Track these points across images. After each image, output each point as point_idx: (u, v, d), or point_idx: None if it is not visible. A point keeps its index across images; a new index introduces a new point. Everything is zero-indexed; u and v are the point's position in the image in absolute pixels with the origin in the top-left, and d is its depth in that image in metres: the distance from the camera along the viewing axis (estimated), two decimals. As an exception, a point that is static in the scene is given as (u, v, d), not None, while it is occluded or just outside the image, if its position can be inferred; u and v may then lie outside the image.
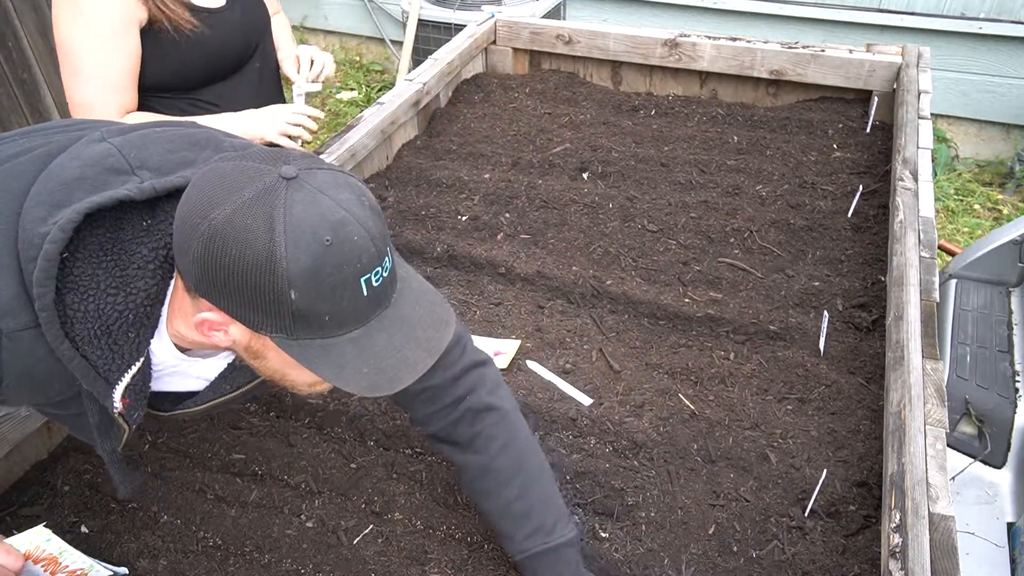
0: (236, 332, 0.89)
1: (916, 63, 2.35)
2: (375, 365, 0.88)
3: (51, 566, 1.11)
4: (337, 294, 0.83)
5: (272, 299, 0.82)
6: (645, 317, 1.76)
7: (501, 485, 1.16)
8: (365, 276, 0.85)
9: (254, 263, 0.80)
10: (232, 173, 0.84)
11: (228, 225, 0.81)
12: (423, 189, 2.18)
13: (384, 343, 0.89)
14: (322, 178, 0.85)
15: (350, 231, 0.83)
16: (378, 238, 0.86)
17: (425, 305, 0.95)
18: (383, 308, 0.90)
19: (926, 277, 1.59)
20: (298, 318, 0.83)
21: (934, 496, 1.16)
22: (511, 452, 1.17)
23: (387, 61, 5.51)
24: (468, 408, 1.17)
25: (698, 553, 1.25)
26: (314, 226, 0.81)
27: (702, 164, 2.23)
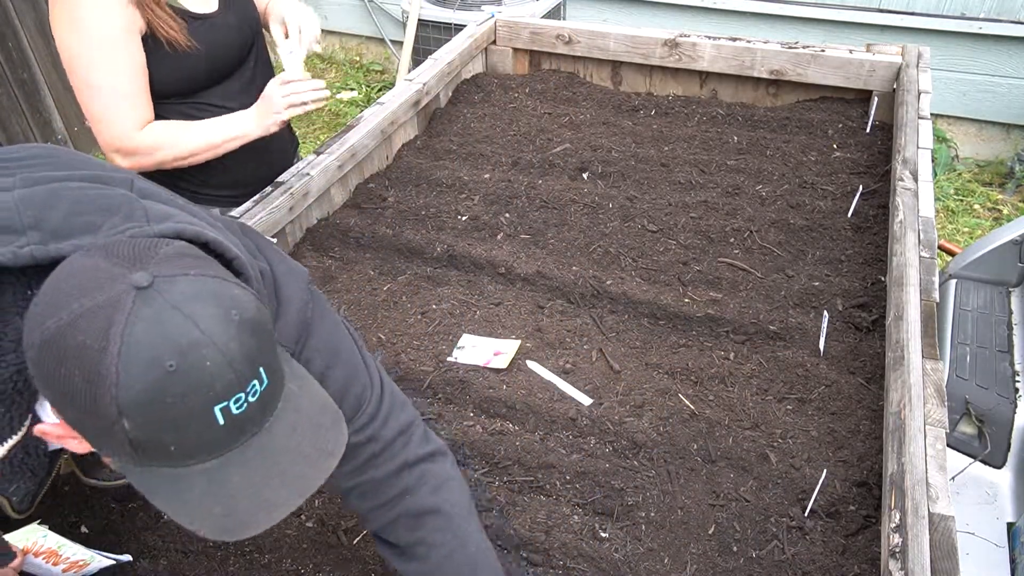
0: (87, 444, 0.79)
1: (916, 63, 2.35)
2: (227, 504, 0.77)
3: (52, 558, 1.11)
4: (181, 425, 0.73)
5: (105, 424, 0.73)
6: (645, 317, 1.76)
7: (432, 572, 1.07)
8: (221, 404, 0.74)
9: (83, 385, 0.71)
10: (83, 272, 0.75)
11: (60, 337, 0.72)
12: (423, 189, 2.18)
13: (240, 479, 0.78)
14: (182, 288, 0.74)
15: (202, 355, 0.72)
16: (241, 362, 0.75)
17: (307, 431, 0.83)
18: (249, 435, 0.78)
19: (926, 277, 1.59)
20: (137, 447, 0.74)
21: (934, 496, 1.17)
22: (455, 561, 1.07)
23: (387, 61, 5.52)
24: (406, 510, 1.08)
25: (698, 553, 1.25)
26: (155, 348, 0.71)
27: (702, 164, 2.23)
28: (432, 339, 1.69)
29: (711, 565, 1.24)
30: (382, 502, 1.08)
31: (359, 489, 1.08)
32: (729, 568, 1.23)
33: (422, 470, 1.10)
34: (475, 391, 1.55)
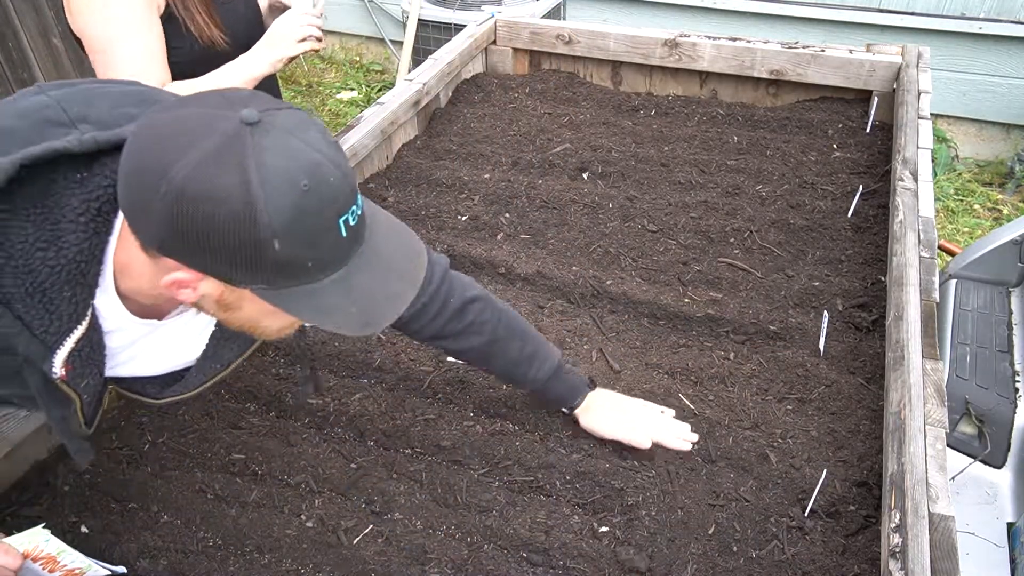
0: (207, 287, 0.84)
1: (916, 63, 2.35)
2: (362, 304, 0.86)
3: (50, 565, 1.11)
4: (319, 240, 0.81)
5: (253, 253, 0.78)
6: (645, 317, 1.76)
7: (507, 348, 1.36)
8: (343, 217, 0.82)
9: (231, 219, 0.76)
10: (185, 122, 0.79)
11: (194, 182, 0.75)
12: (423, 189, 2.18)
13: (367, 280, 0.87)
14: (285, 119, 0.80)
15: (325, 172, 0.80)
16: (350, 175, 0.84)
17: (396, 237, 0.94)
18: (360, 244, 0.88)
19: (926, 277, 1.59)
20: (281, 268, 0.80)
21: (934, 496, 1.16)
22: (503, 323, 1.35)
23: (387, 61, 5.52)
24: (454, 308, 1.30)
25: (698, 553, 1.25)
26: (290, 172, 0.77)
27: (702, 164, 2.23)
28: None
29: (711, 565, 1.24)
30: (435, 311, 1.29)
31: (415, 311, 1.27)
32: (729, 568, 1.23)
33: (451, 276, 1.32)
34: (475, 391, 1.54)
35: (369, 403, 1.53)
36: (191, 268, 0.81)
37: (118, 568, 1.20)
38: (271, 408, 1.54)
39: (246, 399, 1.55)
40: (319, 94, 5.34)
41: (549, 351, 1.40)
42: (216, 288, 0.84)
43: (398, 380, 1.59)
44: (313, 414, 1.51)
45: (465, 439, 1.45)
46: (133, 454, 1.43)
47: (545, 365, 1.39)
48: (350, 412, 1.51)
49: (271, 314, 0.87)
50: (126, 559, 1.24)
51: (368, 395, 1.55)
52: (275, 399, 1.54)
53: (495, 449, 1.42)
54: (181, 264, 0.81)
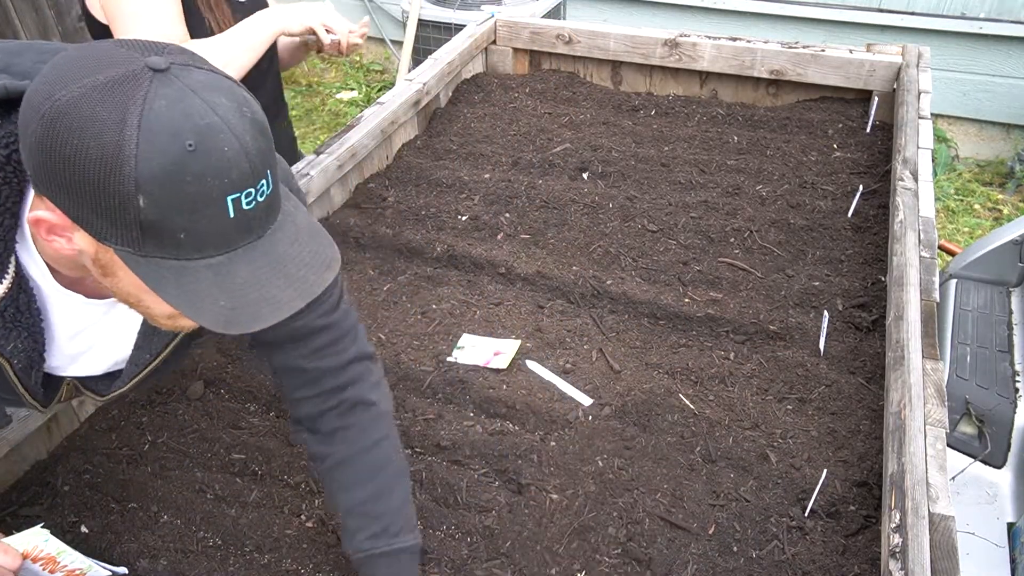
0: (81, 241, 0.77)
1: (916, 63, 2.35)
2: (234, 299, 0.77)
3: (49, 565, 1.11)
4: (197, 209, 0.73)
5: (116, 203, 0.71)
6: (645, 317, 1.76)
7: (358, 483, 1.14)
8: (233, 195, 0.74)
9: (98, 157, 0.70)
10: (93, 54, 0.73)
11: (73, 108, 0.70)
12: (423, 189, 2.18)
13: (247, 276, 0.78)
14: (198, 78, 0.74)
15: (221, 140, 0.72)
16: (255, 156, 0.75)
17: (307, 244, 0.84)
18: (253, 238, 0.79)
19: (926, 277, 1.59)
20: (147, 230, 0.73)
21: (934, 496, 1.16)
22: (377, 452, 1.15)
23: (387, 61, 5.52)
24: (345, 399, 1.14)
25: (698, 553, 1.25)
26: (176, 125, 0.70)
27: (702, 164, 2.23)
28: (432, 339, 1.69)
29: (711, 565, 1.24)
30: (327, 389, 1.12)
31: (309, 375, 1.12)
32: (729, 568, 1.23)
33: (366, 367, 1.16)
34: (475, 391, 1.55)
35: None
36: (63, 211, 0.75)
37: (119, 569, 1.20)
38: (271, 408, 1.54)
39: (246, 399, 1.55)
40: (319, 94, 5.34)
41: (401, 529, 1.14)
42: (90, 244, 0.77)
43: (398, 380, 1.59)
44: (313, 414, 1.51)
45: (465, 439, 1.45)
46: (133, 454, 1.43)
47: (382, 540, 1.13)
48: (350, 412, 1.51)
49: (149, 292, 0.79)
50: (126, 559, 1.24)
51: (368, 395, 1.55)
52: (275, 399, 1.54)
53: (495, 449, 1.42)
54: (53, 205, 0.75)
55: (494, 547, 1.27)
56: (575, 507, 1.32)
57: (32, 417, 1.38)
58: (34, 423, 1.39)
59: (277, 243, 0.81)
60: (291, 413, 1.19)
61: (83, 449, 1.44)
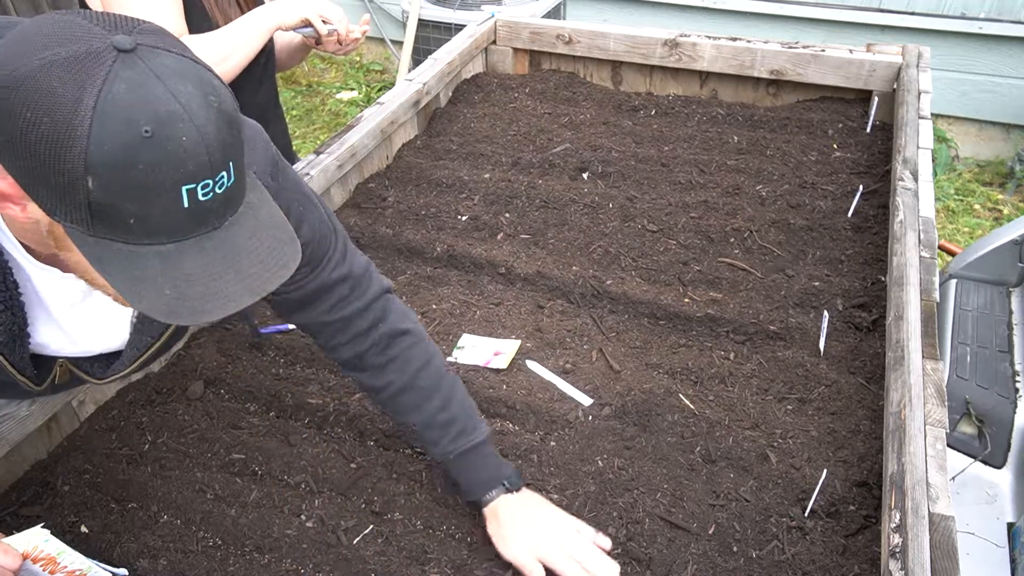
0: (34, 211, 0.76)
1: (916, 63, 2.35)
2: (180, 289, 0.76)
3: (50, 566, 1.11)
4: (148, 197, 0.72)
5: (66, 182, 0.70)
6: (645, 317, 1.76)
7: (424, 400, 1.22)
8: (189, 186, 0.73)
9: (50, 133, 0.69)
10: (57, 26, 0.72)
11: (32, 80, 0.69)
12: (423, 189, 2.18)
13: (196, 267, 0.77)
14: (166, 62, 0.72)
15: (179, 129, 0.71)
16: (216, 147, 0.74)
17: (267, 240, 0.83)
18: (208, 228, 0.78)
19: (926, 277, 1.59)
20: (96, 212, 0.72)
21: (934, 496, 1.17)
22: (429, 370, 1.23)
23: (387, 61, 5.52)
24: (382, 334, 1.20)
25: (698, 553, 1.25)
26: (133, 110, 0.69)
27: (702, 164, 2.23)
28: (432, 339, 1.68)
29: (711, 565, 1.24)
30: (361, 331, 1.19)
31: (339, 323, 1.17)
32: (729, 568, 1.23)
33: (388, 299, 1.23)
34: (475, 391, 1.54)
35: (369, 403, 1.53)
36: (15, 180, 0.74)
37: (119, 570, 1.20)
38: (271, 408, 1.54)
39: (246, 399, 1.55)
40: (319, 94, 5.34)
41: (474, 425, 1.25)
42: (43, 215, 0.76)
43: (398, 380, 1.59)
44: (313, 414, 1.51)
45: (465, 439, 1.45)
46: (133, 454, 1.43)
47: (462, 438, 1.23)
48: (350, 412, 1.51)
49: None
50: (126, 559, 1.24)
51: (368, 395, 1.55)
52: (275, 399, 1.54)
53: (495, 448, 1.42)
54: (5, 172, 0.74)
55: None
56: (575, 507, 1.32)
57: (32, 417, 1.38)
58: (34, 423, 1.39)
59: (234, 236, 0.80)
60: (333, 357, 1.25)
61: (83, 449, 1.44)
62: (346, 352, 1.22)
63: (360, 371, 1.24)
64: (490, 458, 1.26)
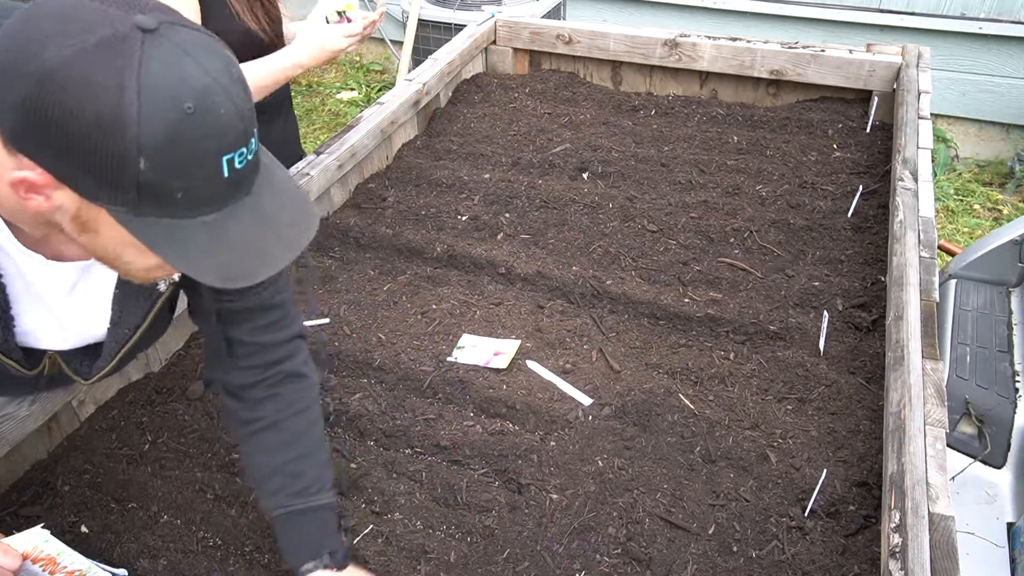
0: (62, 198, 0.76)
1: (916, 63, 2.35)
2: (229, 255, 0.80)
3: (49, 566, 1.11)
4: (193, 171, 0.74)
5: (115, 165, 0.71)
6: (645, 317, 1.76)
7: (283, 445, 1.17)
8: (228, 155, 0.76)
9: (96, 121, 0.69)
10: (73, 10, 0.72)
11: (65, 69, 0.69)
12: (423, 189, 2.18)
13: (241, 232, 0.80)
14: (186, 37, 0.74)
15: (216, 102, 0.74)
16: (246, 115, 0.77)
17: (288, 200, 0.87)
18: (242, 195, 0.81)
19: (926, 277, 1.59)
20: (144, 192, 0.73)
21: (934, 496, 1.17)
22: (304, 418, 1.19)
23: (387, 61, 5.52)
24: (281, 371, 1.18)
25: (698, 553, 1.25)
26: (174, 89, 0.71)
27: (702, 164, 2.23)
28: (432, 339, 1.69)
29: (711, 565, 1.24)
30: (263, 362, 1.17)
31: (249, 347, 1.16)
32: (729, 568, 1.23)
33: (301, 343, 1.22)
34: (475, 391, 1.54)
35: (369, 403, 1.53)
36: (46, 170, 0.74)
37: (119, 570, 1.20)
38: (271, 408, 1.54)
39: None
40: (319, 94, 5.34)
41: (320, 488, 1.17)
42: (72, 202, 0.77)
43: (398, 380, 1.59)
44: (313, 414, 1.51)
45: (465, 439, 1.45)
46: (133, 454, 1.43)
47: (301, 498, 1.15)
48: (350, 412, 1.51)
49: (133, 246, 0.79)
50: (126, 559, 1.24)
51: (368, 395, 1.55)
52: (275, 399, 1.54)
53: (495, 449, 1.42)
54: (35, 163, 0.74)
55: (494, 547, 1.27)
56: (575, 507, 1.32)
57: (32, 417, 1.38)
58: (34, 423, 1.39)
59: (263, 199, 0.83)
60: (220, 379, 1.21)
61: (83, 449, 1.44)
62: (240, 377, 1.18)
63: (239, 400, 1.19)
64: (323, 527, 1.16)
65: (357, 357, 1.63)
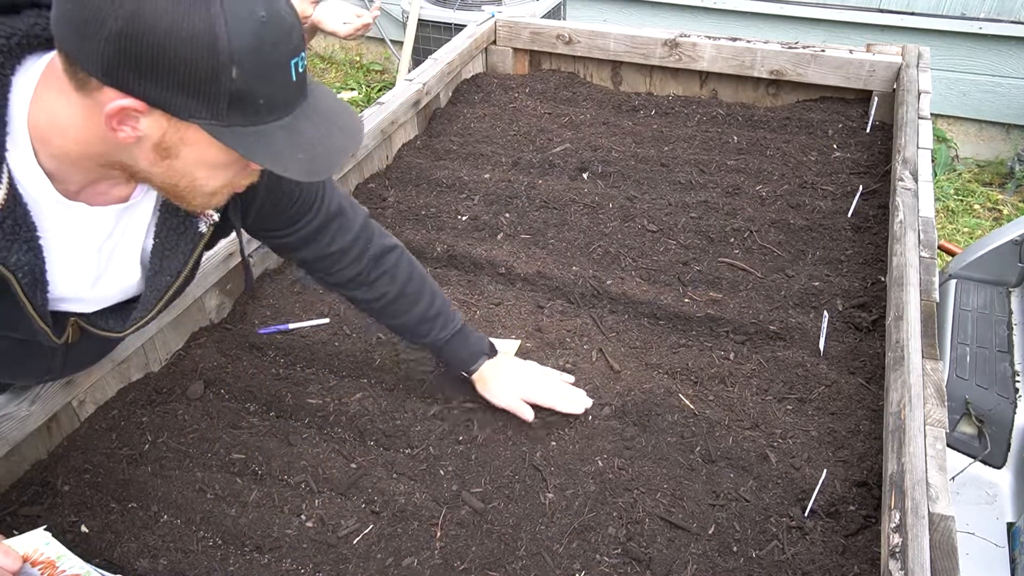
0: (148, 125, 0.84)
1: (916, 63, 2.35)
2: (308, 151, 0.88)
3: (48, 570, 1.10)
4: (273, 75, 0.82)
5: (210, 77, 0.79)
6: (645, 317, 1.76)
7: (414, 304, 1.41)
8: (295, 59, 0.85)
9: (190, 38, 0.76)
10: None
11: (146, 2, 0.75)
12: (423, 189, 2.18)
13: (312, 130, 0.89)
14: None
15: (280, 9, 0.82)
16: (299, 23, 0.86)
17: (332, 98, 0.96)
18: (304, 96, 0.90)
19: (926, 277, 1.59)
20: (234, 101, 0.81)
21: (934, 496, 1.17)
22: (415, 277, 1.41)
23: (387, 61, 5.52)
24: (372, 255, 1.36)
25: (698, 553, 1.25)
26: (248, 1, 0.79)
27: (702, 164, 2.23)
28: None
29: (711, 565, 1.24)
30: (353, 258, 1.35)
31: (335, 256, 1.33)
32: (729, 568, 1.23)
33: (370, 223, 1.38)
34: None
35: (369, 403, 1.53)
36: (137, 96, 0.80)
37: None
38: (271, 408, 1.54)
39: (246, 399, 1.55)
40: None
41: (453, 313, 1.46)
42: (158, 128, 0.84)
43: (398, 380, 1.59)
44: (313, 414, 1.51)
45: (465, 439, 1.45)
46: (133, 454, 1.43)
47: (448, 326, 1.44)
48: (350, 412, 1.51)
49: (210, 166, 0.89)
50: (126, 559, 1.24)
51: (368, 395, 1.55)
52: (275, 399, 1.54)
53: (495, 449, 1.42)
54: (126, 93, 0.80)
55: (494, 547, 1.27)
56: (575, 507, 1.32)
57: (32, 417, 1.38)
58: (34, 423, 1.39)
59: (319, 99, 0.92)
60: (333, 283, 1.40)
61: (83, 449, 1.44)
62: (345, 275, 1.36)
63: (356, 288, 1.39)
64: (471, 336, 1.47)
65: (357, 357, 1.63)
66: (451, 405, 1.53)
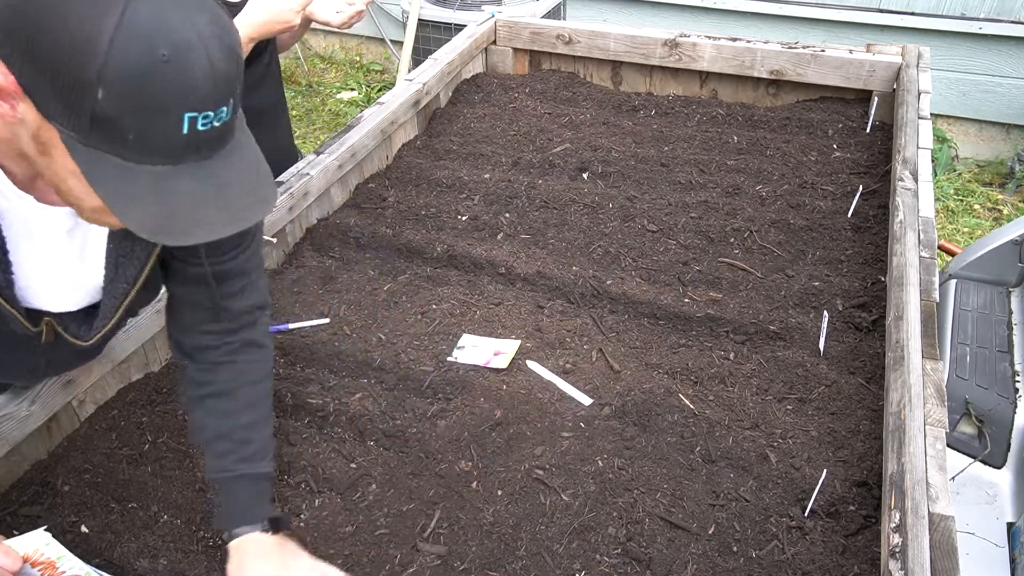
0: (26, 112, 0.77)
1: (916, 63, 2.35)
2: (167, 209, 0.79)
3: (48, 570, 1.10)
4: (151, 118, 0.75)
5: (73, 86, 0.73)
6: (645, 317, 1.76)
7: (237, 411, 1.20)
8: (191, 114, 0.76)
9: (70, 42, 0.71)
10: None
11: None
12: (423, 189, 2.18)
13: (188, 191, 0.80)
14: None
15: (192, 58, 0.74)
16: (222, 81, 0.78)
17: (251, 177, 0.87)
18: (201, 158, 0.81)
19: (926, 277, 1.59)
20: (97, 123, 0.74)
21: (934, 496, 1.17)
22: (259, 388, 1.23)
23: (387, 61, 5.52)
24: (240, 339, 1.21)
25: (698, 553, 1.25)
26: (154, 33, 0.72)
27: (702, 164, 2.23)
28: (432, 339, 1.69)
29: (711, 565, 1.24)
30: (224, 329, 1.19)
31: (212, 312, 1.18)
32: (729, 568, 1.23)
33: (263, 313, 1.25)
34: (475, 391, 1.54)
35: (369, 403, 1.53)
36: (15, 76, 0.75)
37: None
38: (271, 408, 1.54)
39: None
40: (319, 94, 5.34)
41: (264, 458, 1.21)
42: (34, 117, 0.77)
43: (398, 380, 1.59)
44: (313, 414, 1.51)
45: (465, 439, 1.45)
46: (133, 454, 1.43)
47: (248, 464, 1.18)
48: (350, 412, 1.51)
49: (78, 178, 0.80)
50: (126, 559, 1.24)
51: (368, 395, 1.55)
52: (275, 399, 1.54)
53: (495, 450, 1.42)
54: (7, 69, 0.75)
55: (494, 546, 1.27)
56: (575, 507, 1.33)
57: (32, 417, 1.38)
58: (34, 423, 1.39)
59: (224, 168, 0.83)
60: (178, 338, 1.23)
61: (83, 449, 1.44)
62: (204, 339, 1.20)
63: (196, 361, 1.22)
64: (263, 496, 1.19)
65: (357, 357, 1.63)
66: (451, 405, 1.53)
